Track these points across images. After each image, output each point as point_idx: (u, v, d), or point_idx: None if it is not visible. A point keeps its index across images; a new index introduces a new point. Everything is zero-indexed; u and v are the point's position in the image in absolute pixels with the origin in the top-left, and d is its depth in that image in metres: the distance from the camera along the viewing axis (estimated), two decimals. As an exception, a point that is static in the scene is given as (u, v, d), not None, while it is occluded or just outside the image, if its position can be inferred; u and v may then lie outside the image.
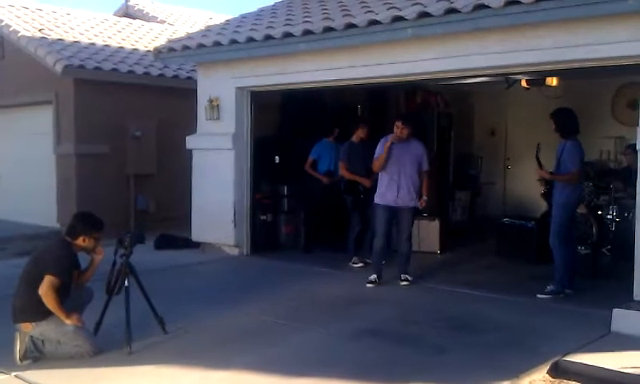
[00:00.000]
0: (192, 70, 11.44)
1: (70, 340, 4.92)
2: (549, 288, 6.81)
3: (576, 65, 6.66)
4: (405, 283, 7.45)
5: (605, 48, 6.10)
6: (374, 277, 7.47)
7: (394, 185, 7.41)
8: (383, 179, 7.51)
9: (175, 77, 12.08)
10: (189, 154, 9.83)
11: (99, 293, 5.26)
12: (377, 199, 7.57)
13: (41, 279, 4.81)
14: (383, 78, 8.18)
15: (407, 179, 7.39)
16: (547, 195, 8.34)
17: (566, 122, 6.92)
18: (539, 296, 6.76)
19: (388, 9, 7.32)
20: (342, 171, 8.61)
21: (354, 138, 8.63)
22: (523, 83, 10.28)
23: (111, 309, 5.18)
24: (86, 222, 5.19)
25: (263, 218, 9.64)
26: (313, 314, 6.33)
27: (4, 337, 4.99)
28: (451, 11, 6.61)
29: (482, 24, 6.57)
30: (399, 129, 7.38)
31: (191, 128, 9.86)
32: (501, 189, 12.77)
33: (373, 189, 8.28)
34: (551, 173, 7.02)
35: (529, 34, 6.55)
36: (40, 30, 12.01)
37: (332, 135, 9.45)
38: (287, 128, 10.76)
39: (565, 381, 4.74)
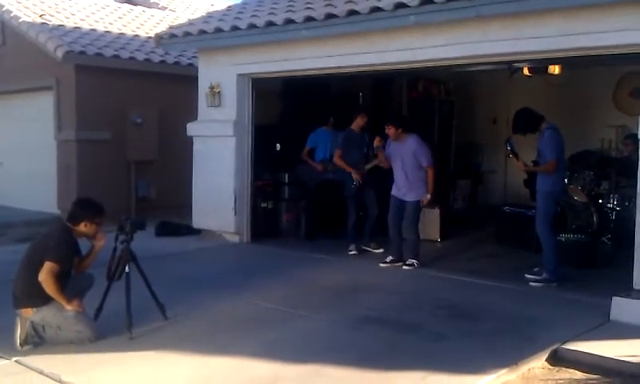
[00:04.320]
0: (193, 57, 11.41)
1: (70, 325, 4.93)
2: (542, 276, 6.81)
3: (579, 53, 6.63)
4: (407, 268, 7.62)
5: (608, 36, 6.06)
6: (390, 258, 7.79)
7: (397, 180, 7.83)
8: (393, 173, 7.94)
9: (176, 63, 12.06)
10: (190, 140, 9.81)
11: (100, 279, 5.26)
12: (392, 191, 7.93)
13: (41, 265, 4.81)
14: (385, 66, 8.14)
15: (406, 175, 7.73)
16: (528, 183, 8.43)
17: (526, 121, 7.00)
18: (532, 284, 6.79)
19: (391, -5, 7.27)
20: (336, 159, 8.59)
21: (354, 127, 8.57)
22: (525, 71, 10.24)
23: (112, 295, 5.19)
24: (87, 207, 5.20)
25: (264, 205, 9.64)
26: (313, 300, 6.33)
27: (5, 322, 5.00)
28: (454, -2, 6.59)
29: (483, 11, 6.53)
30: (386, 130, 7.75)
31: (192, 115, 9.85)
32: (502, 177, 12.75)
33: (370, 178, 8.33)
34: (528, 164, 7.24)
35: (532, 21, 6.50)
36: (41, 16, 11.97)
37: (328, 124, 9.42)
38: (289, 115, 10.73)
39: (564, 369, 4.75)
